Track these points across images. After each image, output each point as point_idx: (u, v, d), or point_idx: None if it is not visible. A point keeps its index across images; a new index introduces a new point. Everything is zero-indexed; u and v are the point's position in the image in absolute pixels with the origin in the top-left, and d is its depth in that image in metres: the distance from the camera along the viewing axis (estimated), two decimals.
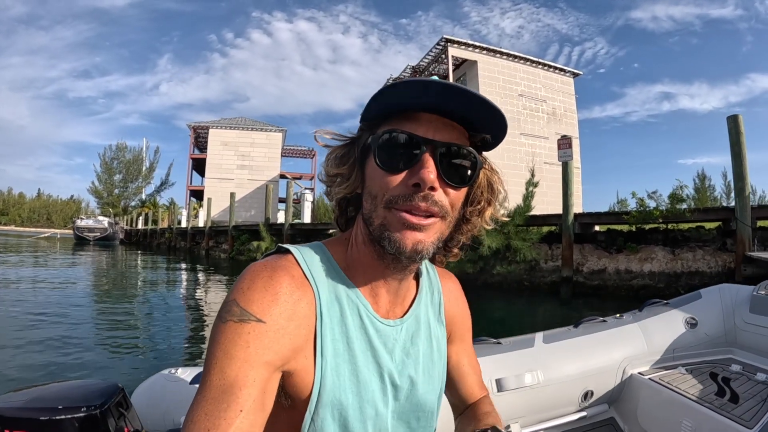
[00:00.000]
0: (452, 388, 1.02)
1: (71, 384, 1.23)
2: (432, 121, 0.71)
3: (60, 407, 1.08)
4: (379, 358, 0.77)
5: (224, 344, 0.63)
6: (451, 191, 0.72)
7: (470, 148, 0.74)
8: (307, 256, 0.75)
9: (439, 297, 0.95)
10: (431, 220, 0.71)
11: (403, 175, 0.70)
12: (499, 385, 1.81)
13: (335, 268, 0.78)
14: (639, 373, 2.06)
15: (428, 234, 0.71)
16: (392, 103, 0.71)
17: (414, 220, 0.69)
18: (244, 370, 0.62)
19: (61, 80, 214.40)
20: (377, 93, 0.69)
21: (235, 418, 0.60)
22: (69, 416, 1.07)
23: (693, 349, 2.18)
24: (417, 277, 0.92)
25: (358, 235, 0.79)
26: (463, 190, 0.76)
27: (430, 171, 0.68)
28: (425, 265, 0.95)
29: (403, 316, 0.84)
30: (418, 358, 0.84)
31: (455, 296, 1.00)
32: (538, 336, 2.08)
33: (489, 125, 0.74)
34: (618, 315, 2.31)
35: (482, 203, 0.83)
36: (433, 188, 0.69)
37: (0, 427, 1.04)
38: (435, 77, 0.69)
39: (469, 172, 0.74)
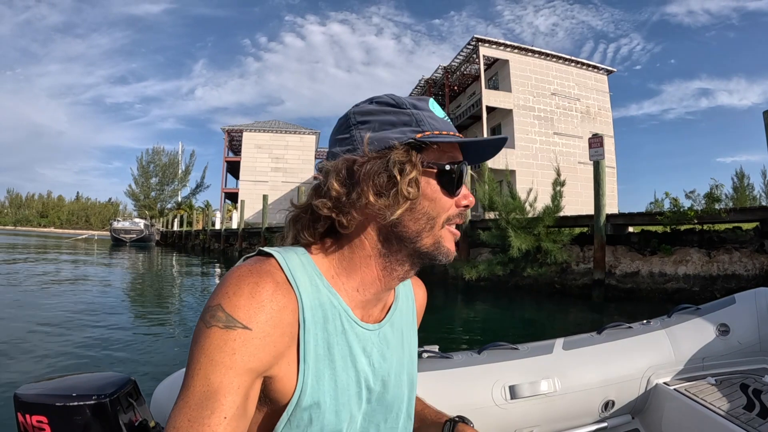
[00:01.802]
0: None
1: (87, 375, 1.29)
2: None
3: (74, 395, 1.14)
4: (357, 362, 0.78)
5: (209, 350, 0.63)
6: None
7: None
8: (289, 261, 0.75)
9: (412, 303, 0.98)
10: None
11: (456, 198, 0.79)
12: (513, 393, 1.75)
13: (317, 273, 0.77)
14: (664, 383, 1.97)
15: None
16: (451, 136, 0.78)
17: (458, 232, 0.82)
18: (229, 377, 0.62)
19: (99, 86, 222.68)
20: (471, 143, 0.80)
21: (218, 425, 0.60)
22: (80, 403, 1.12)
23: (724, 358, 2.06)
24: None
25: (363, 247, 0.79)
26: None
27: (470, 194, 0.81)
28: None
29: (381, 320, 0.86)
30: (392, 362, 0.85)
31: (421, 302, 1.03)
32: (558, 342, 2.00)
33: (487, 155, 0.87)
34: (645, 321, 2.21)
35: None
36: None
37: (23, 411, 1.11)
38: (432, 99, 0.82)
39: None
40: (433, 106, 0.80)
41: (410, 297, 0.98)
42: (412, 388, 0.93)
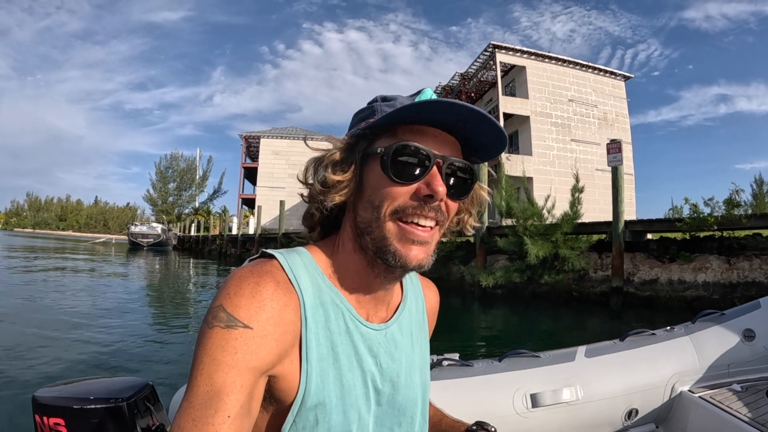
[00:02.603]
0: None
1: (105, 380, 1.32)
2: (437, 136, 0.75)
3: (91, 398, 1.17)
4: (363, 362, 0.77)
5: (211, 350, 0.63)
6: (450, 203, 0.77)
7: (470, 165, 0.78)
8: (291, 261, 0.76)
9: (422, 303, 0.96)
10: (434, 230, 0.75)
11: (413, 186, 0.73)
12: (534, 401, 1.73)
13: (319, 272, 0.78)
14: (689, 390, 1.92)
15: (429, 247, 0.75)
16: (405, 117, 0.73)
17: (421, 234, 0.73)
18: (232, 376, 0.62)
19: (118, 92, 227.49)
20: (401, 109, 0.71)
21: (222, 423, 0.60)
22: (98, 406, 1.15)
23: (749, 364, 2.01)
24: (401, 282, 0.94)
25: (346, 242, 0.80)
26: (459, 203, 0.80)
27: (440, 184, 0.72)
28: None
29: (387, 321, 0.85)
30: (401, 363, 0.84)
31: (433, 305, 1.01)
32: (580, 350, 1.97)
33: (490, 141, 0.78)
34: (668, 327, 2.17)
35: (463, 213, 0.86)
36: (441, 200, 0.74)
37: (40, 414, 1.14)
38: (428, 89, 0.78)
39: (467, 186, 0.79)
40: (423, 95, 0.78)
41: (419, 297, 0.96)
42: (425, 390, 0.92)
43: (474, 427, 0.96)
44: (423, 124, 0.74)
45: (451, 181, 0.75)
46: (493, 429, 0.95)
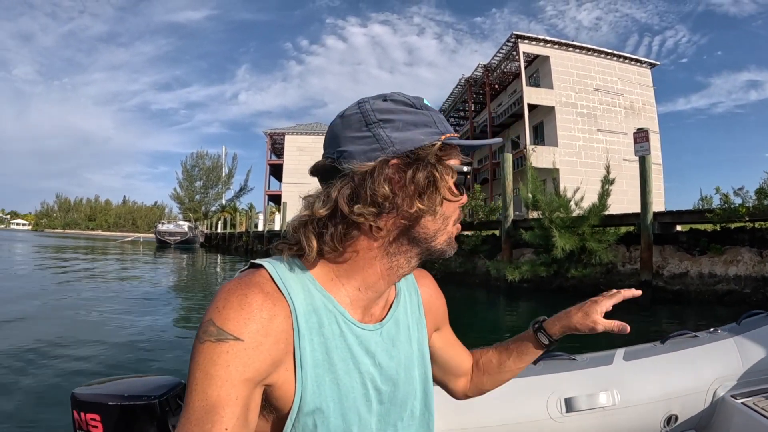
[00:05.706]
0: (450, 364, 1.12)
1: (138, 378, 1.39)
2: None
3: (125, 395, 1.21)
4: (360, 364, 0.78)
5: (204, 365, 0.65)
6: None
7: None
8: (279, 270, 0.76)
9: (417, 297, 0.98)
10: None
11: (464, 197, 0.82)
12: (569, 405, 1.68)
13: (309, 278, 0.78)
14: (732, 396, 1.83)
15: None
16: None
17: (460, 227, 0.85)
18: (226, 389, 0.64)
19: (144, 93, 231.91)
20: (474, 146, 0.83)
21: None
22: (131, 403, 1.20)
23: None
24: None
25: (368, 250, 0.78)
26: None
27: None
28: None
29: (382, 320, 0.86)
30: (400, 360, 0.86)
31: (431, 291, 1.04)
32: (619, 352, 1.90)
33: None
34: (712, 329, 2.08)
35: None
36: None
37: (78, 409, 1.20)
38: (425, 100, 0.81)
39: None
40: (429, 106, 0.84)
41: (414, 291, 0.98)
42: (427, 383, 0.93)
43: (541, 320, 1.14)
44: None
45: None
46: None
